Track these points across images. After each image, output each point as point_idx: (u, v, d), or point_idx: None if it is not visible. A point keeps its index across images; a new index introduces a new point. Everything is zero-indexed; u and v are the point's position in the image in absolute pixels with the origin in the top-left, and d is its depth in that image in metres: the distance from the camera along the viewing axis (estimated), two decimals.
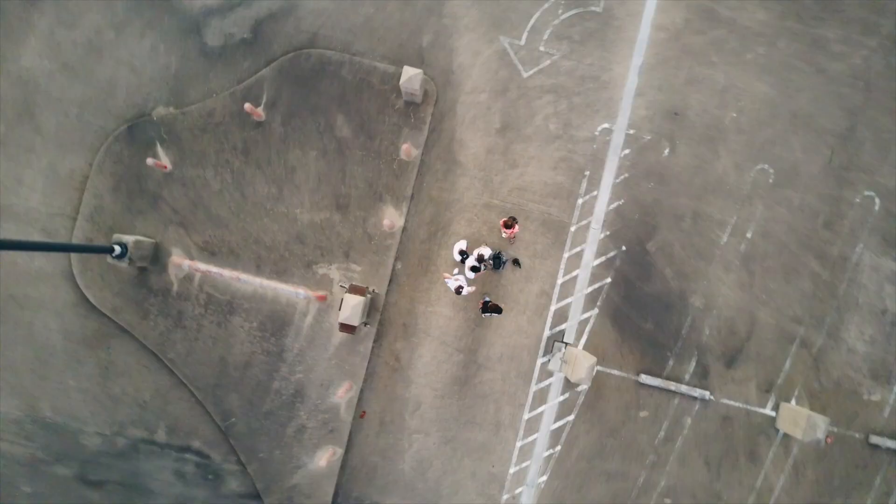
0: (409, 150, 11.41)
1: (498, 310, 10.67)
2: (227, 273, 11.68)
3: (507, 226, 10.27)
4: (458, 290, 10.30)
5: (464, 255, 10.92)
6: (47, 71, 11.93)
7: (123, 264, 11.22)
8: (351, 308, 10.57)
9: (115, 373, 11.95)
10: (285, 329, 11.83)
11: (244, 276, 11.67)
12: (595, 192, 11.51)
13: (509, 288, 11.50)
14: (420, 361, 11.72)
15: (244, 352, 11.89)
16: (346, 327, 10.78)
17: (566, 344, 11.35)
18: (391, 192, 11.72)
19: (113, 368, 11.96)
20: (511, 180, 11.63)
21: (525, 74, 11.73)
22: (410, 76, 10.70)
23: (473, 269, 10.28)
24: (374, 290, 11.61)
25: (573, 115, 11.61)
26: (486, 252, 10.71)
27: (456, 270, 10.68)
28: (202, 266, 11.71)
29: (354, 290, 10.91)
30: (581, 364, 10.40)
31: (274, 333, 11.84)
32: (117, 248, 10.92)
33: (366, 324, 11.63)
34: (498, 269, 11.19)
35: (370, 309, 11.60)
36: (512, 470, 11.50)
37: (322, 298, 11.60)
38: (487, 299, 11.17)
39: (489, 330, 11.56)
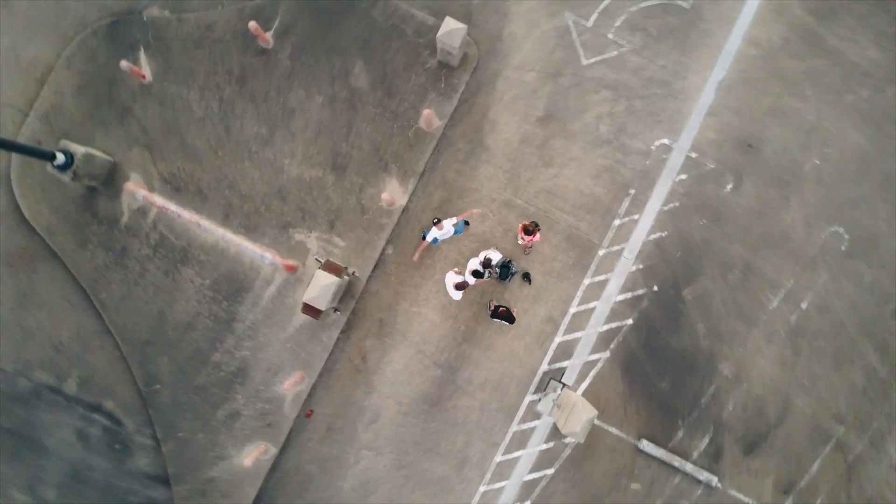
0: (430, 118, 9.55)
1: (510, 318, 8.86)
2: (188, 215, 9.80)
3: (528, 231, 8.43)
4: (460, 287, 8.49)
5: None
6: None
7: (66, 178, 9.34)
8: (321, 288, 8.71)
9: (33, 302, 10.07)
10: (242, 295, 9.97)
11: (207, 224, 9.80)
12: (636, 216, 9.67)
13: (512, 305, 9.66)
14: (389, 367, 9.87)
15: (188, 311, 10.03)
16: (310, 309, 8.92)
17: (564, 385, 9.52)
18: (399, 163, 9.85)
19: (32, 297, 10.08)
20: (541, 180, 9.78)
21: (585, 61, 9.87)
22: (451, 30, 8.83)
23: (475, 273, 8.46)
24: (353, 273, 9.76)
25: (630, 121, 9.76)
26: (495, 257, 8.87)
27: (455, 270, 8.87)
28: (160, 200, 9.84)
29: (330, 267, 9.05)
30: (578, 415, 8.57)
31: (228, 297, 9.98)
32: (60, 157, 9.04)
33: (336, 310, 9.77)
34: (504, 279, 9.36)
35: (344, 294, 9.74)
36: None
37: (291, 269, 9.74)
38: (499, 304, 9.37)
39: (478, 348, 9.72)
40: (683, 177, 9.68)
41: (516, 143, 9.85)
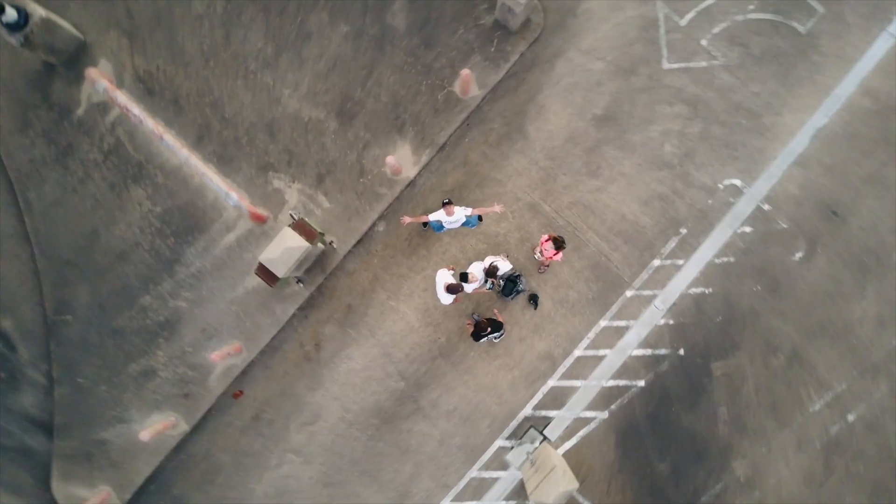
0: (468, 83, 7.83)
1: (498, 326, 7.14)
2: (153, 126, 8.05)
3: (557, 245, 6.72)
4: (453, 290, 6.67)
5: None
6: None
7: (14, 41, 7.58)
8: (284, 250, 6.99)
9: None
10: (194, 235, 8.24)
11: (173, 142, 8.05)
12: (680, 261, 7.96)
13: (509, 329, 7.96)
14: (345, 365, 8.16)
15: (127, 238, 8.30)
16: (264, 272, 7.21)
17: (545, 438, 7.83)
18: (419, 127, 8.12)
19: None
20: (580, 190, 8.06)
21: (666, 65, 8.15)
22: None
23: (463, 277, 6.76)
24: (331, 243, 8.03)
25: (701, 148, 8.05)
26: (504, 267, 7.17)
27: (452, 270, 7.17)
28: (124, 99, 8.08)
29: (302, 228, 7.33)
30: (554, 483, 6.90)
31: (177, 234, 8.25)
32: (11, 13, 7.29)
33: (299, 281, 8.06)
34: (507, 296, 7.65)
35: (314, 265, 8.02)
36: None
37: (259, 219, 8.01)
38: (477, 316, 7.70)
39: (454, 368, 8.01)
40: (748, 229, 7.97)
41: (562, 139, 8.13)
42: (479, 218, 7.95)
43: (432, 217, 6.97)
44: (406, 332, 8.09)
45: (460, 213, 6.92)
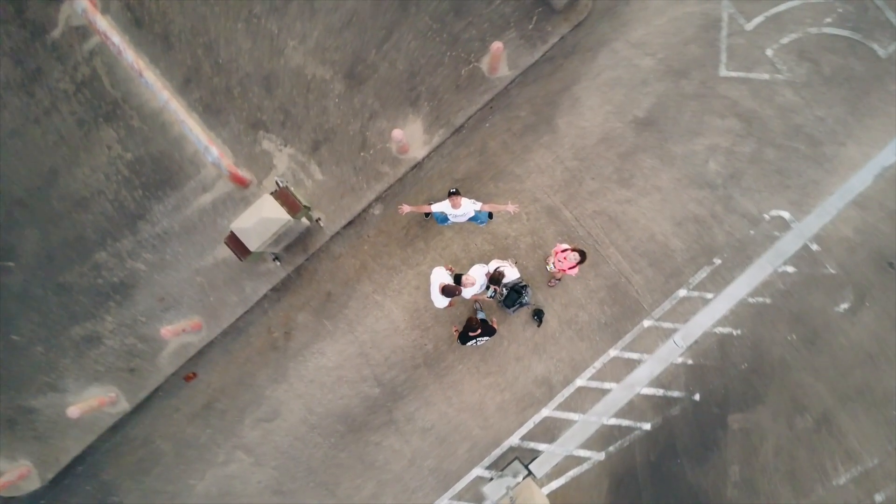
0: (498, 61, 6.85)
1: (490, 331, 6.10)
2: (133, 60, 7.04)
3: (582, 257, 5.74)
4: (449, 292, 5.61)
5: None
6: None
7: None
8: (259, 221, 6.01)
9: None
10: (166, 191, 7.25)
11: (154, 81, 7.05)
12: (710, 295, 6.99)
13: (505, 345, 7.00)
14: (315, 360, 7.18)
15: (90, 183, 7.31)
16: (235, 242, 6.23)
17: (530, 473, 6.87)
18: (435, 103, 7.14)
19: None
20: (608, 200, 7.09)
21: (724, 72, 7.18)
22: None
23: (457, 279, 5.81)
24: (318, 220, 7.05)
25: (750, 171, 7.08)
26: (510, 274, 6.20)
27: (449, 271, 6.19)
28: (105, 25, 7.08)
29: (285, 198, 6.34)
30: None
31: (147, 186, 7.26)
32: None
33: (276, 258, 7.07)
34: (510, 307, 6.67)
35: (294, 242, 7.04)
36: None
37: (241, 182, 7.02)
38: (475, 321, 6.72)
39: (438, 381, 7.04)
40: (790, 269, 7.00)
41: (594, 138, 7.15)
42: (490, 215, 6.98)
43: (436, 207, 6.00)
44: (389, 333, 7.11)
45: (468, 207, 5.95)
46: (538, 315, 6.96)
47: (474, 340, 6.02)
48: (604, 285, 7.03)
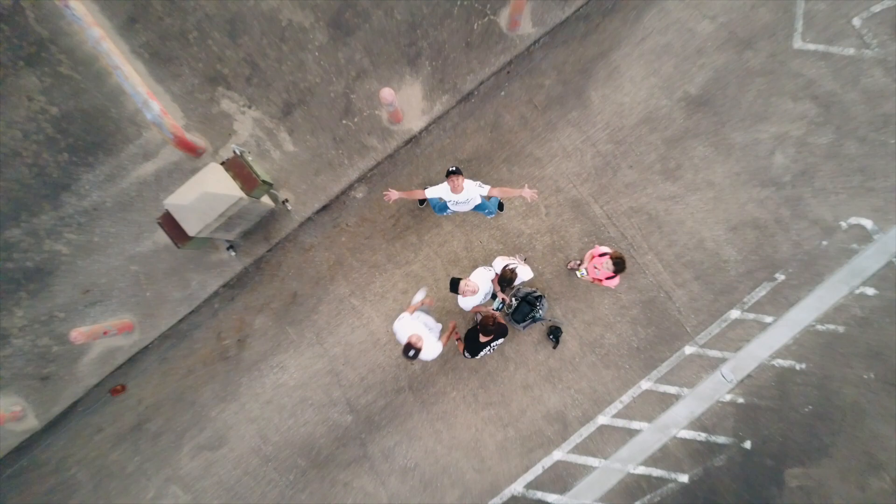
0: (520, 14, 5.44)
1: (502, 331, 4.59)
2: None
3: (617, 266, 4.35)
4: (410, 350, 4.02)
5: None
6: None
7: None
8: (201, 196, 4.58)
9: None
10: (98, 155, 5.81)
11: (83, 14, 5.56)
12: (769, 320, 5.62)
13: (511, 369, 5.61)
14: (274, 375, 5.77)
15: (3, 142, 5.85)
16: (171, 225, 4.80)
17: None
18: (439, 62, 5.72)
19: None
20: (649, 195, 5.70)
21: (798, 43, 5.79)
22: None
23: (453, 284, 4.42)
24: (284, 202, 5.63)
25: (826, 168, 5.70)
26: (523, 274, 4.80)
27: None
28: None
29: (238, 169, 4.91)
30: None
31: (74, 148, 5.82)
32: None
33: (231, 247, 5.65)
34: (520, 322, 5.29)
35: (255, 228, 5.62)
36: None
37: (189, 149, 5.58)
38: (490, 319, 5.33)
39: (425, 410, 5.65)
40: (870, 292, 5.64)
41: (635, 118, 5.75)
42: (500, 206, 5.59)
43: (431, 192, 4.61)
44: (367, 347, 5.71)
45: (472, 191, 4.56)
46: (554, 334, 5.57)
47: (489, 347, 4.58)
48: (638, 300, 5.64)
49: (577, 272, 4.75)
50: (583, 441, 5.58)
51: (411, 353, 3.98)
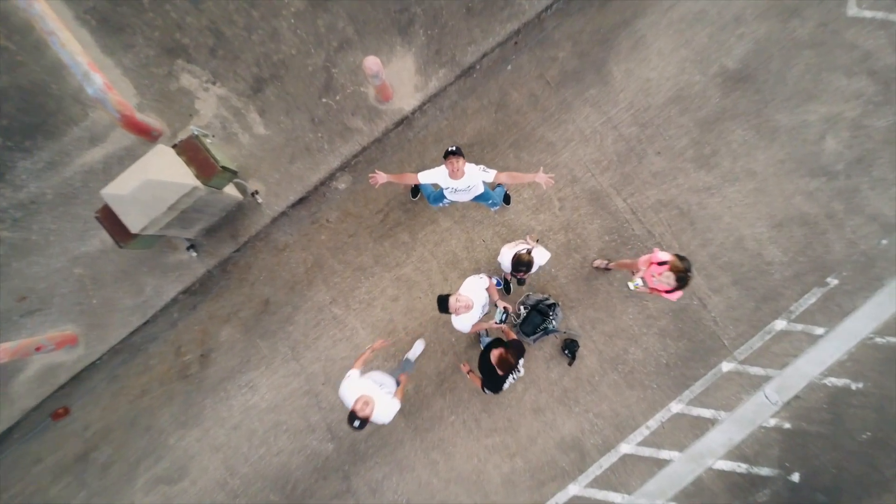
0: None
1: (520, 351, 3.56)
2: None
3: (681, 279, 3.51)
4: (355, 419, 3.35)
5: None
6: None
7: None
8: (141, 185, 3.75)
9: None
10: (37, 139, 4.99)
11: None
12: (819, 331, 4.82)
13: (520, 390, 4.80)
14: (243, 397, 4.95)
15: None
16: (111, 220, 3.97)
17: None
18: (435, 31, 4.89)
19: None
20: (679, 186, 4.89)
21: (853, 10, 5.00)
22: None
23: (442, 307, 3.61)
24: (253, 194, 4.80)
25: (885, 155, 4.91)
26: (540, 258, 3.95)
27: (492, 278, 3.93)
28: None
29: (193, 154, 4.08)
30: None
31: (9, 130, 5.00)
32: None
33: (191, 246, 4.82)
34: (531, 335, 4.50)
35: (219, 224, 4.80)
36: None
37: (143, 132, 4.74)
38: (487, 339, 4.55)
39: (418, 437, 4.83)
40: None
41: (664, 96, 4.95)
42: (507, 198, 4.78)
43: (425, 177, 3.81)
44: (351, 363, 4.88)
45: (475, 176, 3.76)
46: (570, 348, 4.77)
47: (512, 376, 3.73)
48: (667, 310, 4.84)
49: (631, 283, 3.87)
50: (603, 473, 4.78)
51: (356, 423, 3.30)
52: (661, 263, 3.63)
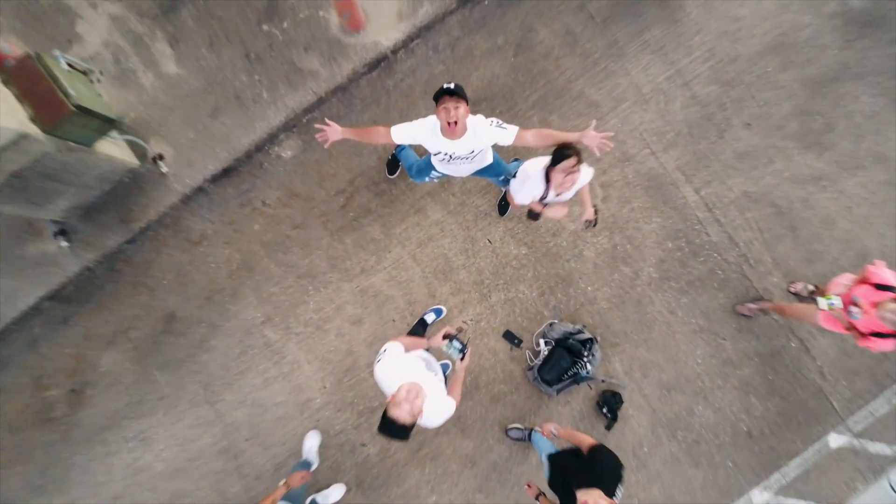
0: None
1: (616, 477, 2.11)
2: None
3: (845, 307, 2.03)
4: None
5: None
6: None
7: None
8: None
9: None
10: None
11: None
12: None
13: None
14: (132, 452, 3.41)
15: None
16: None
17: None
18: None
19: None
20: (777, 173, 3.39)
21: None
22: None
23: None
24: (156, 158, 3.26)
25: None
26: (586, 176, 2.38)
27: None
28: None
29: (29, 84, 2.54)
30: None
31: None
32: None
33: (61, 232, 3.27)
34: (553, 385, 3.00)
35: (100, 201, 3.25)
36: None
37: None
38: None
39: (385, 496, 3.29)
40: None
41: (758, 42, 3.42)
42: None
43: (403, 133, 2.34)
44: (290, 412, 3.36)
45: (484, 134, 2.32)
46: (609, 405, 3.25)
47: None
48: (752, 352, 3.32)
49: (825, 300, 2.26)
50: None
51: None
52: (883, 287, 2.10)
